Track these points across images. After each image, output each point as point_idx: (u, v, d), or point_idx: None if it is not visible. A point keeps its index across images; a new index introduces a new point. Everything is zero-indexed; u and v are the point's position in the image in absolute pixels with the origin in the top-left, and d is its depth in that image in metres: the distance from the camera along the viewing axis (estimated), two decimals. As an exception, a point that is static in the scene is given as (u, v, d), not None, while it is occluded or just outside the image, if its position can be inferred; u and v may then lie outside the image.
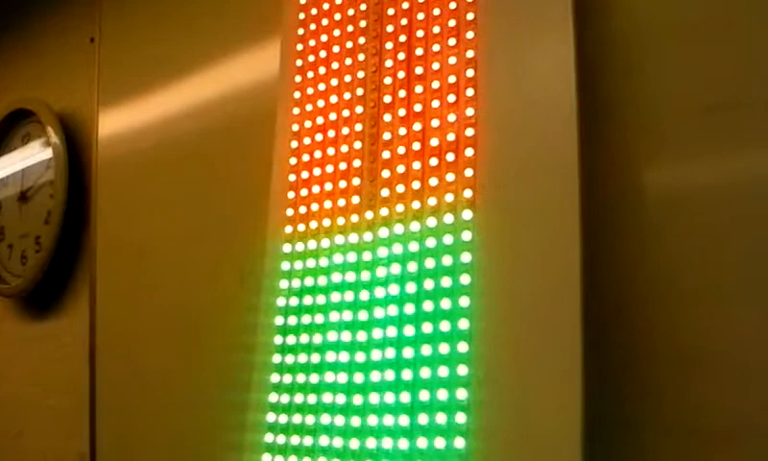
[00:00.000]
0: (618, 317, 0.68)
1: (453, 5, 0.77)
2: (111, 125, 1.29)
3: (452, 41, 0.76)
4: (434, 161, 0.75)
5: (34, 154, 1.41)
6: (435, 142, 0.75)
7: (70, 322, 1.30)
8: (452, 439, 0.66)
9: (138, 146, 1.23)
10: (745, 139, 0.65)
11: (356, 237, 0.78)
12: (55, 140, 1.34)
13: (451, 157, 0.74)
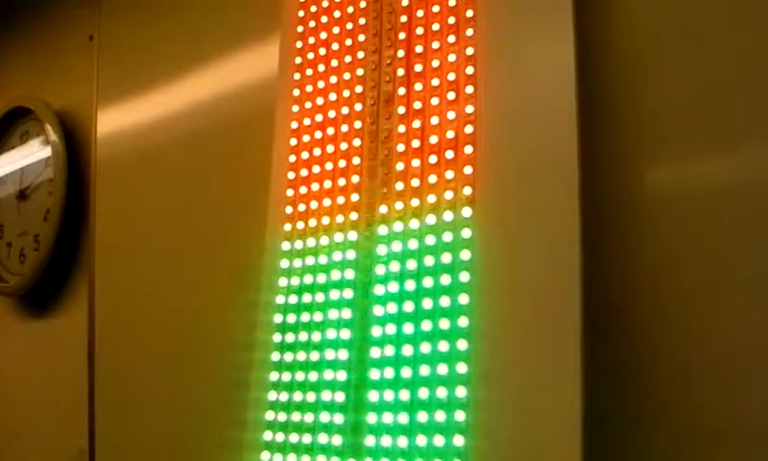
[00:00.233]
0: (618, 315, 0.67)
1: (453, 2, 0.77)
2: (110, 123, 1.29)
3: (452, 38, 0.76)
4: (433, 159, 0.74)
5: (32, 152, 1.41)
6: (434, 139, 0.75)
7: (69, 320, 1.30)
8: (451, 437, 0.66)
9: (137, 144, 1.23)
10: (746, 137, 0.64)
11: (355, 235, 0.78)
12: (54, 138, 1.34)
13: (451, 154, 0.73)
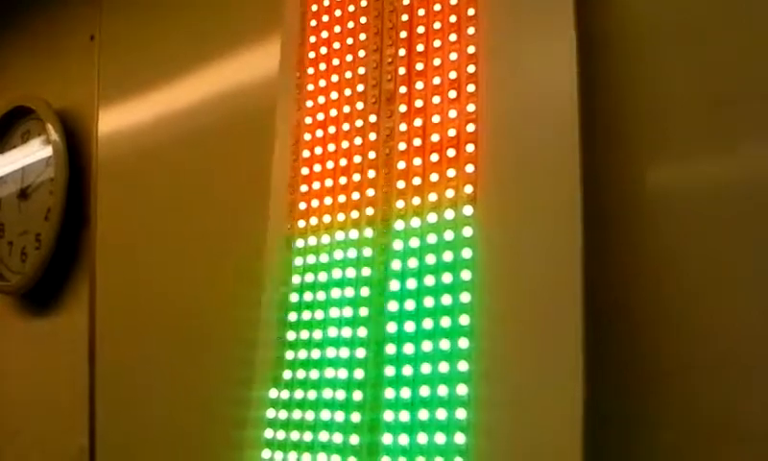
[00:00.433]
0: (620, 313, 0.67)
1: (454, 0, 0.77)
2: (111, 122, 1.29)
3: (453, 37, 0.76)
4: (435, 157, 0.74)
5: (34, 151, 1.41)
6: (436, 138, 0.75)
7: (70, 318, 1.30)
8: (453, 435, 0.66)
9: (138, 143, 1.23)
10: (747, 135, 0.64)
11: (357, 233, 0.78)
12: (55, 138, 1.34)
13: (452, 152, 0.73)
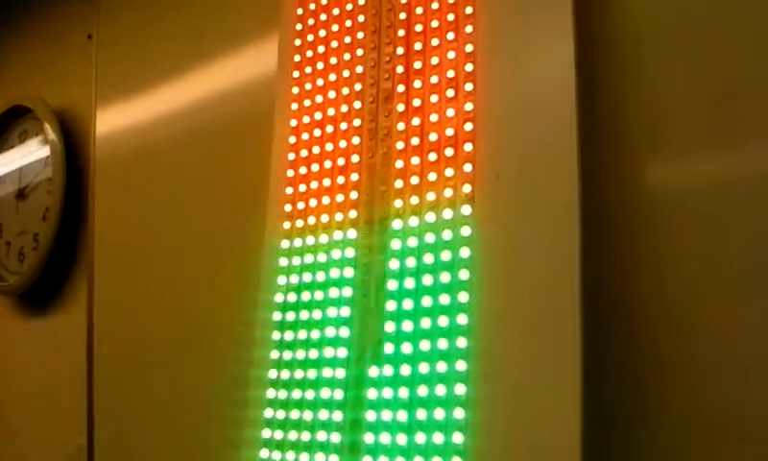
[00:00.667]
0: (618, 312, 0.67)
1: (452, -1, 0.77)
2: (109, 122, 1.29)
3: (451, 36, 0.76)
4: (433, 156, 0.74)
5: (31, 151, 1.40)
6: (434, 137, 0.75)
7: (68, 318, 1.30)
8: (451, 434, 0.66)
9: (136, 143, 1.23)
10: (747, 135, 0.64)
11: (354, 233, 0.78)
12: (52, 137, 1.33)
13: (450, 151, 0.73)
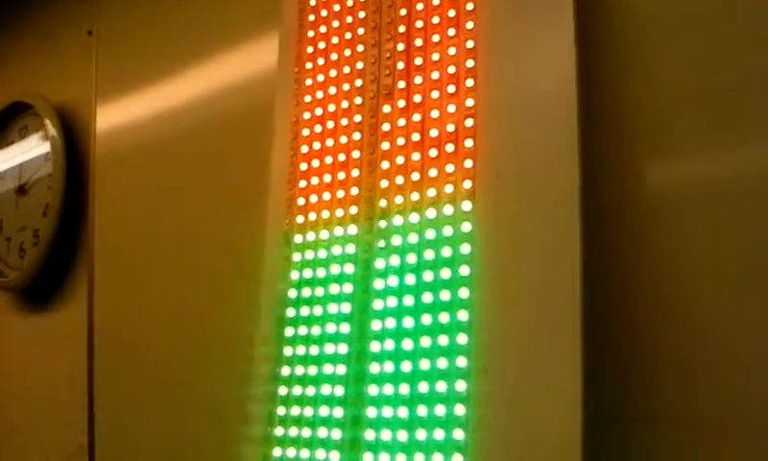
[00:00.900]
0: (619, 309, 0.67)
1: (453, -5, 0.77)
2: (109, 118, 1.29)
3: (452, 32, 0.76)
4: (433, 152, 0.74)
5: (31, 147, 1.40)
6: (435, 133, 0.75)
7: (68, 314, 1.30)
8: (451, 430, 0.66)
9: (136, 139, 1.23)
10: (750, 130, 0.64)
11: (355, 229, 0.78)
12: (53, 133, 1.33)
13: (451, 147, 0.73)
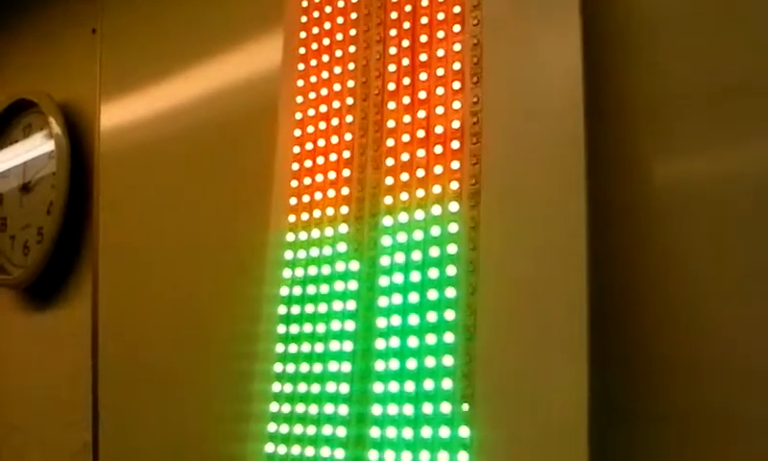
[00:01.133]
0: (625, 308, 0.67)
1: (455, -8, 0.76)
2: (113, 116, 1.29)
3: (457, 28, 0.76)
4: (439, 149, 0.74)
5: (36, 145, 1.40)
6: (440, 130, 0.74)
7: (72, 312, 1.30)
8: (457, 428, 0.66)
9: (140, 137, 1.23)
10: (758, 128, 0.64)
11: (360, 226, 0.78)
12: (57, 131, 1.33)
13: (456, 144, 0.73)
